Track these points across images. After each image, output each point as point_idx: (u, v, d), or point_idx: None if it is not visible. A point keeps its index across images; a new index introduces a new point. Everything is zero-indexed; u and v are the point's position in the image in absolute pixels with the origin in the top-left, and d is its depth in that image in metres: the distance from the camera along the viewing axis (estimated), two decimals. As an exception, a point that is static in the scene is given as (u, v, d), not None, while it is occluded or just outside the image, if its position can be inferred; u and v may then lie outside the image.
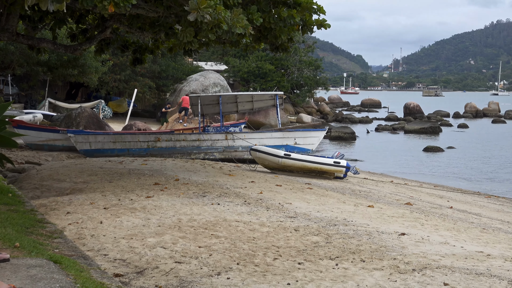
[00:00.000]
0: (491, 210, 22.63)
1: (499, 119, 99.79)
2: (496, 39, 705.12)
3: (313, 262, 9.92)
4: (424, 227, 14.24)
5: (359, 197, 19.91)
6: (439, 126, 74.63)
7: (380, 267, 9.75)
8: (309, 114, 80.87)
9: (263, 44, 19.65)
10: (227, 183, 19.16)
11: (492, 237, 13.87)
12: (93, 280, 7.57)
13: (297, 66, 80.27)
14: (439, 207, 20.26)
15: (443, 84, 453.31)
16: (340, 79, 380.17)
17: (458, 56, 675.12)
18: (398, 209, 17.23)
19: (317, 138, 32.27)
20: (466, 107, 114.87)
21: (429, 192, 27.05)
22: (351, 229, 12.80)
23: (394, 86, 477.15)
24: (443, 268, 9.85)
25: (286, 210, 14.76)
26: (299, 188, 20.01)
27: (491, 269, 10.02)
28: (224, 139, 31.19)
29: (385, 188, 25.77)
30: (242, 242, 11.06)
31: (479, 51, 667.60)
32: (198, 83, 55.36)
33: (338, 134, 58.89)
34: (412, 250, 11.04)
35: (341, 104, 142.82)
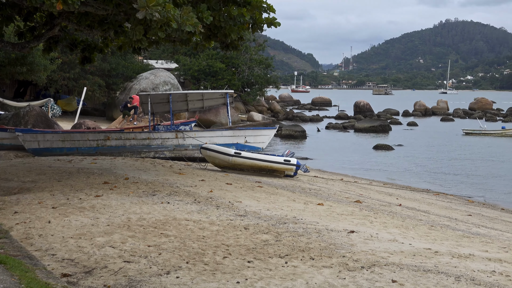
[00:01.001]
0: (440, 208, 22.88)
1: (448, 117, 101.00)
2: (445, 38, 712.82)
3: (263, 260, 9.94)
4: (373, 224, 14.34)
5: (309, 195, 19.99)
6: (389, 125, 75.28)
7: (329, 265, 9.80)
8: (260, 112, 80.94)
9: (213, 42, 19.60)
10: (177, 182, 19.09)
11: (440, 234, 14.01)
12: (38, 281, 7.50)
13: (248, 64, 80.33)
14: (388, 205, 20.43)
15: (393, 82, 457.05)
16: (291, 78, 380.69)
17: (408, 55, 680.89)
18: (347, 207, 17.33)
19: (268, 137, 32.28)
20: (415, 106, 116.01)
21: (378, 190, 27.26)
22: (301, 227, 12.84)
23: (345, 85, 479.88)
24: (392, 265, 9.93)
25: (236, 208, 14.76)
26: (249, 186, 20.02)
27: (439, 265, 10.13)
28: (175, 138, 31.07)
29: (335, 186, 25.91)
30: (191, 240, 11.04)
31: (428, 50, 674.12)
32: (149, 82, 55.06)
33: (288, 132, 59.06)
34: (361, 248, 11.11)
35: (291, 102, 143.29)
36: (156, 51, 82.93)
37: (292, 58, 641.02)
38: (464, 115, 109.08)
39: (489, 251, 12.06)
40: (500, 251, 12.30)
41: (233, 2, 17.86)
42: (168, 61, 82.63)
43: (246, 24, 18.22)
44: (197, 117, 42.66)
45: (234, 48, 19.94)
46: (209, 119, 55.76)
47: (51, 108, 45.61)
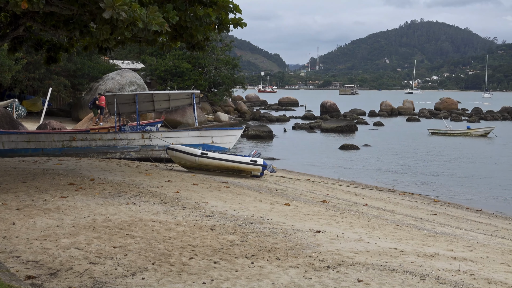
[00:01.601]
0: (405, 207, 23.01)
1: (414, 117, 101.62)
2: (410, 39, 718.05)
3: (229, 261, 9.93)
4: (339, 224, 14.39)
5: (276, 195, 20.02)
6: (355, 125, 75.57)
7: (295, 265, 9.81)
8: (227, 113, 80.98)
9: (180, 42, 19.56)
10: (143, 183, 19.03)
11: (406, 233, 14.09)
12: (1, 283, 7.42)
13: (214, 64, 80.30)
14: (354, 205, 20.50)
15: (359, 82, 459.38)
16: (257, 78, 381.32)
17: (374, 55, 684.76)
18: (314, 207, 17.37)
19: (234, 137, 32.27)
20: (381, 106, 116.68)
21: (345, 189, 27.35)
22: (267, 227, 12.85)
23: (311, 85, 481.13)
24: (357, 264, 9.97)
25: (202, 209, 14.74)
26: (216, 187, 20.01)
27: (404, 265, 10.18)
28: (141, 138, 30.95)
29: (302, 186, 25.96)
30: (157, 241, 11.00)
31: (394, 51, 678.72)
32: (115, 82, 54.78)
33: (255, 132, 59.09)
34: (327, 248, 11.14)
35: (258, 102, 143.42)
36: (122, 51, 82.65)
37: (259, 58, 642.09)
38: (429, 115, 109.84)
39: (454, 250, 12.15)
40: (465, 250, 12.40)
41: (199, 2, 17.83)
42: (134, 62, 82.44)
43: (212, 24, 18.21)
44: (164, 118, 42.58)
45: (200, 49, 19.91)
46: (176, 119, 55.62)
47: (16, 109, 45.34)
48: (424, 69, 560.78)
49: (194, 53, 24.17)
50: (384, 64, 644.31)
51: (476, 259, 11.36)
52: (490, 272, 10.26)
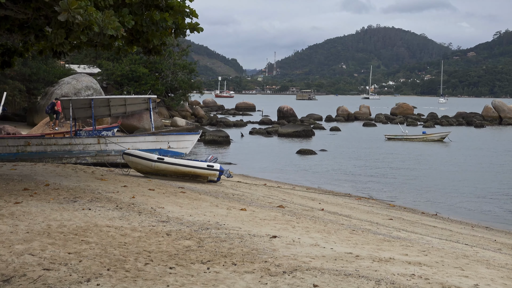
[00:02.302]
0: (361, 212, 23.13)
1: (370, 122, 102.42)
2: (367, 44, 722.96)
3: (185, 267, 9.88)
4: (295, 229, 14.42)
5: (232, 200, 20.00)
6: (312, 129, 76.02)
7: (251, 270, 9.80)
8: (184, 117, 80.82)
9: (136, 47, 19.47)
10: (99, 188, 18.90)
11: (361, 238, 14.16)
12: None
13: (171, 69, 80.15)
14: (310, 210, 20.56)
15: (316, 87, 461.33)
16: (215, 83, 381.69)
17: (331, 61, 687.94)
18: (270, 212, 17.39)
19: (191, 142, 32.20)
20: (338, 111, 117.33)
21: (301, 194, 27.43)
22: (223, 232, 12.83)
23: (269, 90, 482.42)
24: (313, 269, 9.98)
25: (158, 214, 14.68)
26: (172, 192, 19.93)
27: (360, 269, 10.22)
28: (97, 143, 30.76)
29: (258, 191, 25.97)
30: (113, 247, 10.92)
31: (351, 56, 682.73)
32: (70, 86, 54.39)
33: (212, 137, 59.05)
34: (283, 253, 11.14)
35: (215, 107, 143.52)
36: (78, 55, 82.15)
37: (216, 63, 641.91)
38: (386, 120, 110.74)
39: (409, 255, 12.23)
40: (420, 254, 12.48)
41: (155, 7, 17.78)
42: (90, 66, 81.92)
43: (169, 29, 18.17)
44: (120, 123, 42.34)
45: (157, 53, 19.84)
46: (132, 124, 55.38)
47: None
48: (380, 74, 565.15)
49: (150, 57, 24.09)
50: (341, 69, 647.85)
51: (430, 263, 11.44)
52: (445, 276, 10.33)
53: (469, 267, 11.49)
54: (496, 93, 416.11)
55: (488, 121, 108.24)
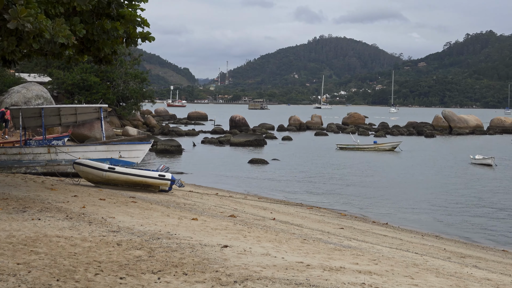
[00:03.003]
0: (312, 221, 23.22)
1: (322, 132, 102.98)
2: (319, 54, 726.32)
3: (135, 277, 9.83)
4: (246, 239, 14.42)
5: (184, 210, 19.95)
6: (264, 139, 76.12)
7: (202, 280, 9.77)
8: (135, 127, 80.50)
9: (87, 56, 19.36)
10: (49, 198, 18.72)
11: (312, 247, 14.20)
12: None
13: (123, 78, 79.73)
14: (262, 219, 20.59)
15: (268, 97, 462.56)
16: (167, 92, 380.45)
17: (283, 70, 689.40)
18: (222, 222, 17.37)
19: (142, 151, 32.04)
20: (290, 120, 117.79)
21: (253, 204, 27.46)
22: (175, 242, 12.79)
23: (221, 99, 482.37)
24: (264, 279, 9.98)
25: (109, 224, 14.58)
26: (123, 202, 19.82)
27: (310, 279, 10.25)
28: (47, 153, 30.43)
29: (210, 200, 25.95)
30: (62, 258, 10.82)
31: (303, 66, 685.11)
32: (20, 95, 53.84)
33: (164, 147, 58.87)
34: (234, 262, 11.13)
35: (167, 117, 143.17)
36: (28, 64, 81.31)
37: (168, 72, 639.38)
38: (337, 130, 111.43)
39: (360, 264, 12.30)
40: (370, 263, 12.56)
41: (106, 16, 17.70)
42: (41, 75, 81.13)
43: (120, 38, 18.10)
44: (71, 132, 42.01)
45: (108, 62, 19.76)
46: (83, 133, 54.93)
47: None
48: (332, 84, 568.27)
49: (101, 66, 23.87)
50: (293, 79, 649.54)
51: (381, 272, 11.52)
52: (395, 285, 10.41)
53: (419, 276, 11.59)
54: (446, 103, 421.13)
55: (439, 131, 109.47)
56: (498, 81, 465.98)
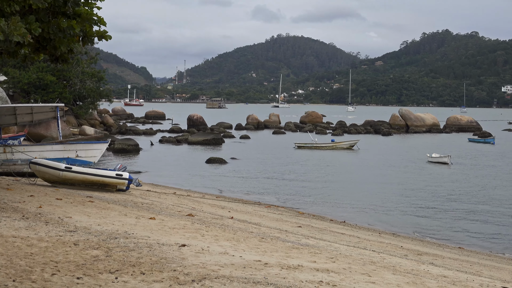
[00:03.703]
0: (271, 220, 23.27)
1: (280, 130, 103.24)
2: (276, 53, 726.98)
3: (92, 276, 9.77)
4: (204, 238, 14.41)
5: (141, 209, 19.87)
6: (222, 138, 76.19)
7: (160, 279, 9.75)
8: (92, 126, 79.92)
9: (43, 55, 19.19)
10: (5, 198, 18.53)
11: (270, 246, 14.24)
12: None
13: (79, 77, 79.17)
14: (220, 218, 20.59)
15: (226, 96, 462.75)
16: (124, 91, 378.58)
17: (241, 69, 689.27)
18: (179, 221, 17.34)
19: (100, 151, 31.82)
20: (248, 119, 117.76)
21: (211, 203, 27.44)
22: (132, 241, 12.74)
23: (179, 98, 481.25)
24: (222, 278, 9.99)
25: (66, 224, 14.48)
26: (80, 201, 19.69)
27: (268, 277, 10.27)
28: (2, 152, 30.09)
29: (168, 200, 25.88)
30: (19, 258, 10.72)
31: (261, 64, 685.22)
32: (-25, 95, 53.19)
33: (121, 146, 58.60)
34: (192, 261, 11.12)
35: (125, 116, 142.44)
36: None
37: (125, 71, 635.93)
38: (295, 129, 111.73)
39: (317, 262, 12.35)
40: (328, 261, 12.62)
41: (62, 14, 17.56)
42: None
43: (76, 36, 17.98)
44: (27, 131, 41.60)
45: (64, 61, 19.60)
46: (40, 133, 54.41)
47: None
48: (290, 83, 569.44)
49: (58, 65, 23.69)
50: (251, 77, 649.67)
51: (338, 270, 11.59)
52: (352, 282, 10.48)
53: (376, 273, 11.68)
54: (403, 102, 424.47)
55: (396, 129, 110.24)
56: (454, 80, 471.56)
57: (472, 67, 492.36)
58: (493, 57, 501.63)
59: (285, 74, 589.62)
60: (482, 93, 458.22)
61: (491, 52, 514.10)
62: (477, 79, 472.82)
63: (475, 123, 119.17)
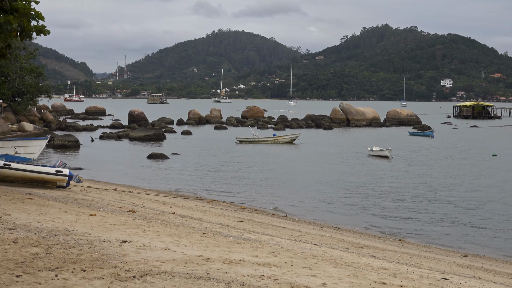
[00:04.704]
0: (212, 215, 23.27)
1: (221, 126, 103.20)
2: (217, 48, 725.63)
3: (32, 274, 9.66)
4: (146, 233, 14.34)
5: (82, 206, 19.69)
6: (163, 133, 75.87)
7: (100, 276, 9.68)
8: (32, 122, 79.06)
9: (-20, 50, 18.89)
10: None
11: (212, 241, 14.23)
12: None
13: (18, 73, 78.19)
14: (161, 213, 20.52)
15: (167, 91, 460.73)
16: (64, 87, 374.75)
17: (182, 64, 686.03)
18: (121, 217, 17.23)
19: (39, 147, 31.52)
20: (189, 114, 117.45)
21: (152, 198, 27.34)
22: (72, 238, 12.62)
23: (119, 94, 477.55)
24: (164, 273, 9.96)
25: (4, 222, 14.28)
26: (19, 198, 19.43)
27: (210, 272, 10.27)
28: None
29: (109, 196, 25.70)
30: (-44, 257, 10.56)
31: (202, 60, 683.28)
32: None
33: (61, 142, 58.03)
34: (133, 257, 11.06)
35: (65, 112, 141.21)
36: None
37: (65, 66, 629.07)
38: (237, 123, 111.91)
39: (259, 256, 12.38)
40: (270, 255, 12.66)
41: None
42: None
43: (14, 31, 17.72)
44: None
45: (2, 57, 19.32)
46: (-22, 129, 53.67)
47: None
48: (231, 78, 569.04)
49: (-5, 61, 23.34)
50: (192, 73, 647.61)
51: (280, 264, 11.63)
52: (293, 276, 10.53)
53: (317, 267, 11.75)
54: (344, 96, 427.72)
55: (337, 123, 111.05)
56: (394, 74, 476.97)
57: (412, 61, 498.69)
58: (432, 51, 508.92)
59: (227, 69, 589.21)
60: (422, 87, 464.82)
61: (430, 46, 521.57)
62: (417, 73, 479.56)
63: (415, 116, 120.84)
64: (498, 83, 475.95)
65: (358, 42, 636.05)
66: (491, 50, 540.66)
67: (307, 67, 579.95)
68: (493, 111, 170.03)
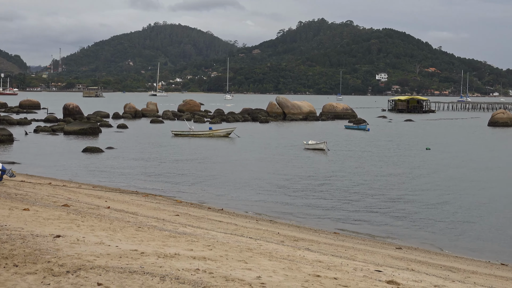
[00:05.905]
0: (148, 209, 23.19)
1: (157, 119, 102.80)
2: (154, 41, 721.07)
3: (-37, 271, 9.53)
4: (80, 228, 14.23)
5: (15, 200, 19.43)
6: (99, 127, 75.31)
7: (33, 271, 9.58)
8: (-36, 116, 77.71)
9: None
10: None
11: (147, 235, 14.18)
12: None
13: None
14: (96, 208, 20.36)
15: (103, 85, 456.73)
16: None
17: (118, 57, 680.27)
18: (54, 211, 17.06)
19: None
20: (125, 108, 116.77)
21: (87, 193, 27.10)
22: (5, 233, 12.45)
23: (54, 87, 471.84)
24: (98, 268, 9.90)
25: None
26: (-50, 193, 19.14)
27: (145, 266, 10.24)
28: None
29: (43, 190, 25.40)
30: None
31: (138, 53, 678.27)
32: None
33: (-6, 136, 57.15)
34: (67, 252, 10.97)
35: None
36: None
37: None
38: (173, 117, 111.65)
39: (194, 250, 12.39)
40: (205, 249, 12.68)
41: None
42: None
43: None
44: None
45: None
46: None
47: None
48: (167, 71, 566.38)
49: None
50: (128, 66, 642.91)
51: (215, 257, 11.65)
52: (229, 269, 10.56)
53: (253, 260, 11.81)
54: (281, 90, 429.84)
55: (273, 117, 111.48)
56: (330, 68, 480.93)
57: (347, 56, 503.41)
58: (367, 45, 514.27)
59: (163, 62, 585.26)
60: (357, 81, 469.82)
61: (366, 41, 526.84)
62: (352, 67, 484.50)
63: (351, 110, 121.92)
64: (432, 77, 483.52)
65: (295, 36, 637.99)
66: (425, 44, 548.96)
67: (243, 60, 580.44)
68: (427, 105, 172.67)
